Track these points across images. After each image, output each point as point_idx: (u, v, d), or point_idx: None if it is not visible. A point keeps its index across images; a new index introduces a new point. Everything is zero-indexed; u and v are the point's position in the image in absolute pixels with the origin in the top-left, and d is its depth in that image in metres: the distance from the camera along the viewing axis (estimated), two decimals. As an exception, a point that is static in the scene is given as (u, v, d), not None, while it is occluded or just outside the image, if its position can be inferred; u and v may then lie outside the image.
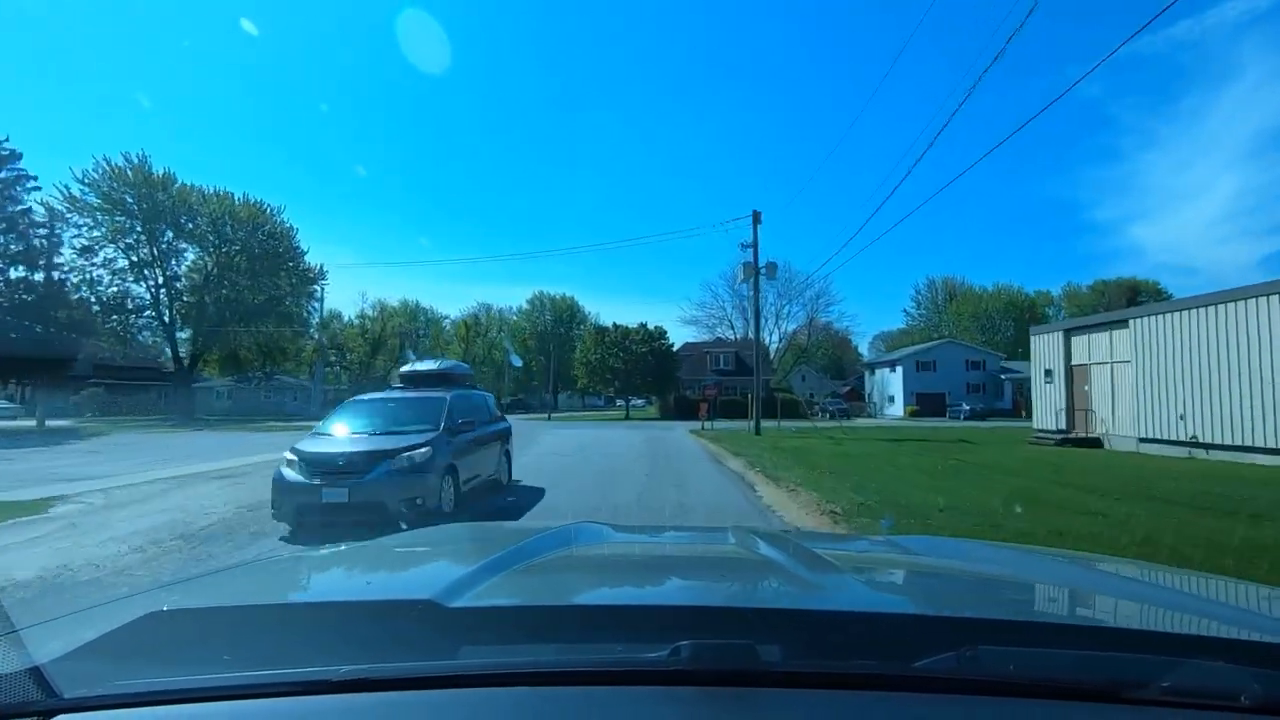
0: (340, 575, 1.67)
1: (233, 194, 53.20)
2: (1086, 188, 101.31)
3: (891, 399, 61.13)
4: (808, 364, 78.47)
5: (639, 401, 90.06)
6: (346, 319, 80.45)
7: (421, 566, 1.73)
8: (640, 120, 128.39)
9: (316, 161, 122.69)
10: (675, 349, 56.41)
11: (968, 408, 52.41)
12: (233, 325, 56.08)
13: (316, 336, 52.80)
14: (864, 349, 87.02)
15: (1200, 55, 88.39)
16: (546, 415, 54.88)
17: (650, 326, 54.65)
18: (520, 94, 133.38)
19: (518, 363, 65.78)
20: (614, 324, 55.32)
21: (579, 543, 1.79)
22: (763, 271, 29.25)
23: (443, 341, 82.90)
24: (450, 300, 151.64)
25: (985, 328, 76.06)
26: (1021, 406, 56.29)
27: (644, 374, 52.73)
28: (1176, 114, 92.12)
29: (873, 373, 69.61)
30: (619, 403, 79.90)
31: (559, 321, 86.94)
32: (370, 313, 79.46)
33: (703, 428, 31.50)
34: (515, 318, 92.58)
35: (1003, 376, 59.01)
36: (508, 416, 13.06)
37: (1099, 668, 0.88)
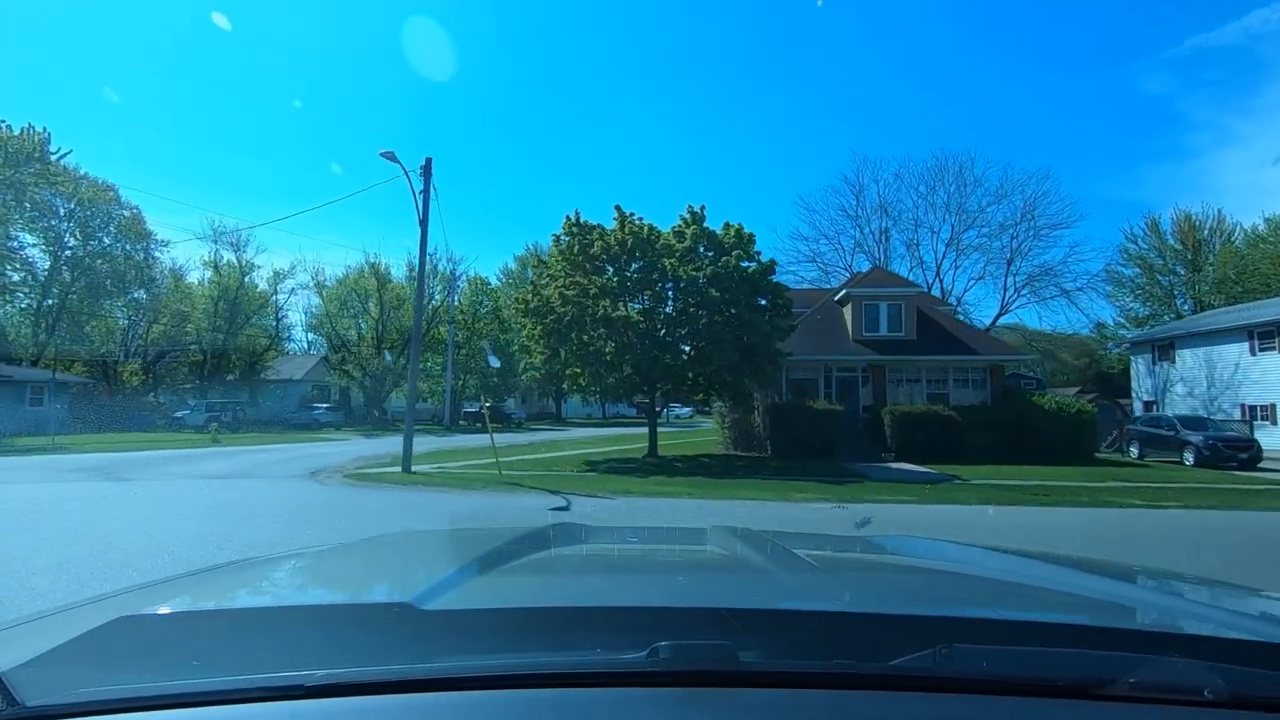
0: (315, 578, 1.62)
1: None
2: (1152, 187, 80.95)
3: (1265, 411, 26.01)
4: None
5: (683, 410, 54.00)
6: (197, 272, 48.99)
7: (398, 569, 1.69)
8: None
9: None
10: (780, 283, 21.20)
11: None
12: None
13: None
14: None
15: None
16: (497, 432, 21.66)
17: (715, 226, 20.61)
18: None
19: (495, 363, 37.82)
20: (618, 209, 20.14)
21: (558, 544, 1.80)
22: None
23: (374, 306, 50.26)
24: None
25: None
26: None
27: (701, 342, 18.63)
28: (1254, 109, 72.36)
29: (1165, 358, 32.68)
30: (677, 410, 46.25)
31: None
32: (230, 258, 47.33)
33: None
34: (496, 283, 59.71)
35: None
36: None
37: (1069, 665, 0.89)
